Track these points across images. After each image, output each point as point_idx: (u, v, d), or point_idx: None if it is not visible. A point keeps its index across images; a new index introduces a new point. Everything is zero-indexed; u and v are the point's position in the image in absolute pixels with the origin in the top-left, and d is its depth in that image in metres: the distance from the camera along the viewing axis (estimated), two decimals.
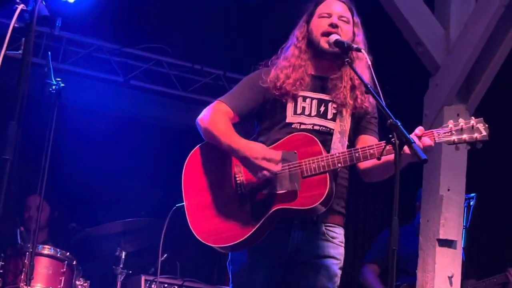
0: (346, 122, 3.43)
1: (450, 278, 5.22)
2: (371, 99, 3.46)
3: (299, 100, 3.44)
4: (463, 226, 5.79)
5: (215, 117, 3.45)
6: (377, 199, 8.61)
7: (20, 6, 2.94)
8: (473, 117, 3.29)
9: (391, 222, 2.90)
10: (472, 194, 6.36)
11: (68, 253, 5.53)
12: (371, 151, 3.22)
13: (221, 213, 3.32)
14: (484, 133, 3.26)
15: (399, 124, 3.02)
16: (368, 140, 3.45)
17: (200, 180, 3.41)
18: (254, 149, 3.27)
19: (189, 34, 7.20)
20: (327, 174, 3.24)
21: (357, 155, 3.24)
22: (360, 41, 3.49)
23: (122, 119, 7.71)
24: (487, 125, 3.28)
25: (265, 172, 3.23)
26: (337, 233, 3.44)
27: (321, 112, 3.44)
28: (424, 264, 5.29)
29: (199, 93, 7.88)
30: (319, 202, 3.21)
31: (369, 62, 3.24)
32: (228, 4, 6.74)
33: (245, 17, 6.88)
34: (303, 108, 3.44)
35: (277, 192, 3.26)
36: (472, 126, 3.26)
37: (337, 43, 3.37)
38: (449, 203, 5.25)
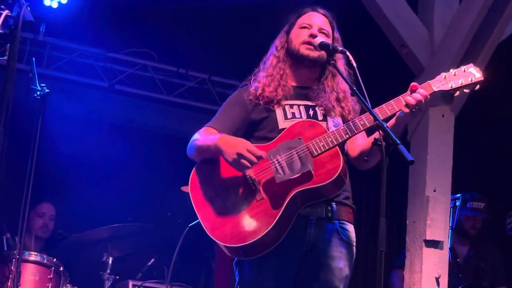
0: (337, 118, 3.44)
1: (437, 279, 5.23)
2: (356, 108, 3.49)
3: (287, 107, 3.45)
4: (449, 226, 5.82)
5: (202, 135, 3.42)
6: (366, 199, 8.62)
7: (5, 12, 2.92)
8: (462, 65, 3.28)
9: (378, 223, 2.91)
10: (458, 195, 6.40)
11: (55, 259, 5.51)
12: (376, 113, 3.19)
13: (237, 214, 3.25)
14: (478, 74, 3.24)
15: (385, 125, 3.05)
16: (358, 137, 3.42)
17: (208, 192, 3.34)
18: (237, 143, 3.23)
19: (173, 38, 7.19)
20: (337, 148, 3.25)
21: (361, 122, 3.23)
22: (339, 57, 3.48)
23: (107, 124, 7.69)
24: (478, 68, 3.26)
25: (244, 161, 3.17)
26: (350, 231, 3.42)
27: (311, 115, 3.45)
28: (411, 265, 5.30)
29: (185, 97, 7.87)
30: (337, 174, 3.20)
31: (355, 64, 3.24)
32: (212, 8, 6.74)
33: (229, 20, 6.88)
34: (293, 113, 3.44)
35: (291, 178, 3.22)
36: (464, 70, 3.26)
37: (322, 45, 3.38)
38: (435, 204, 5.27)
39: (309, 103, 3.48)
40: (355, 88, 3.19)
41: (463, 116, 5.56)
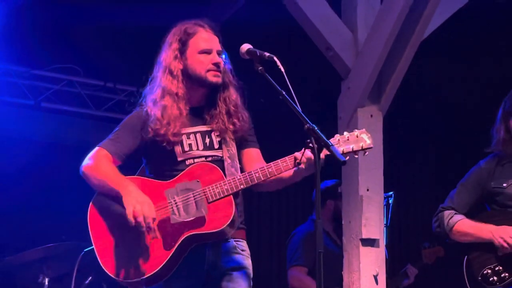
0: (232, 146, 3.57)
1: (375, 276, 5.30)
2: (246, 118, 3.62)
3: (184, 138, 3.53)
4: (384, 224, 5.90)
5: (99, 163, 3.50)
6: (301, 202, 8.67)
7: None
8: (356, 129, 3.44)
9: (316, 225, 2.94)
10: (390, 193, 6.51)
11: None
12: (270, 169, 3.38)
13: (132, 250, 3.39)
14: (369, 141, 3.40)
15: (316, 128, 3.10)
16: (252, 153, 3.63)
17: (105, 225, 3.47)
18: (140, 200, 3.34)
19: (99, 52, 7.12)
20: (231, 196, 3.38)
21: (257, 175, 3.39)
22: (228, 68, 3.65)
23: (35, 143, 7.54)
24: (369, 135, 3.42)
25: (140, 220, 3.29)
26: (244, 246, 3.60)
27: (208, 144, 3.56)
28: (350, 265, 5.35)
29: (114, 111, 7.79)
30: (227, 223, 3.35)
31: (283, 69, 3.28)
32: (136, 20, 6.69)
33: (154, 32, 6.84)
34: (190, 145, 3.54)
35: (185, 220, 3.35)
36: (357, 136, 3.40)
37: (250, 52, 3.42)
38: (369, 203, 5.33)
39: (205, 128, 3.58)
40: (284, 93, 3.23)
41: (391, 115, 5.65)
